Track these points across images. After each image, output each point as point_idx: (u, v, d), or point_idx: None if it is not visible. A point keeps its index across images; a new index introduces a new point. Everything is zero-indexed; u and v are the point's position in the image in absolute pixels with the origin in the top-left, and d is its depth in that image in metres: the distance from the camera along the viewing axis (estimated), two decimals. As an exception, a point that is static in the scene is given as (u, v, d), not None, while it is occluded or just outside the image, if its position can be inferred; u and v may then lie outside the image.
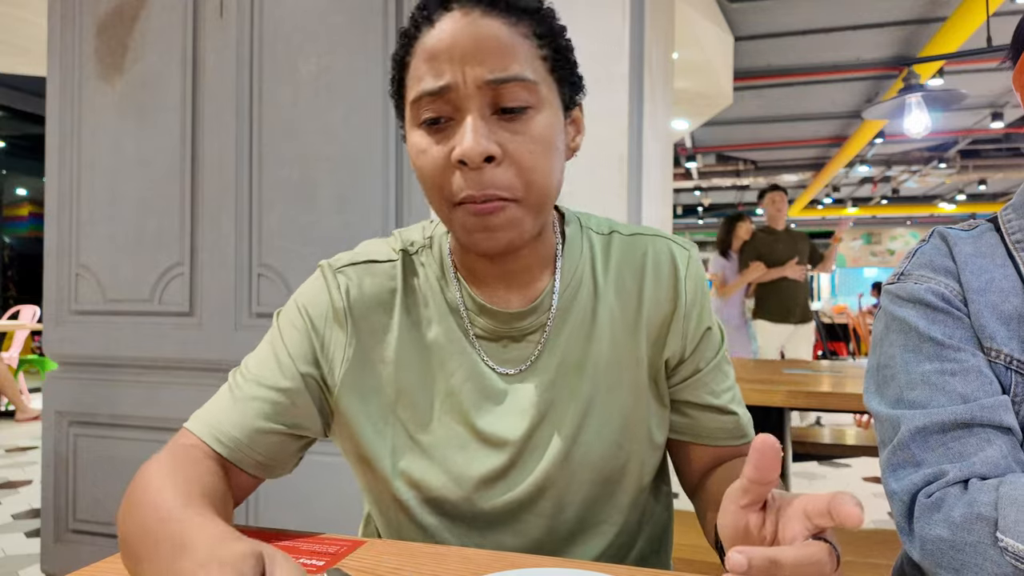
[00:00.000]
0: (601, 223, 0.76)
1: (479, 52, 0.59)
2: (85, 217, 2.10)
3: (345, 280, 0.71)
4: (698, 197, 13.48)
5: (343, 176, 1.82)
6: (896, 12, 5.06)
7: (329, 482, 1.76)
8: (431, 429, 0.69)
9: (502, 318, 0.69)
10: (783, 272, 4.06)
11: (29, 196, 9.96)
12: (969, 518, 0.55)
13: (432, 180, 0.62)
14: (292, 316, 0.71)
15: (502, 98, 0.60)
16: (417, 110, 0.62)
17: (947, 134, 9.08)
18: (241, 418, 0.66)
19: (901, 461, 0.63)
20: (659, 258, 0.73)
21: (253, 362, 0.70)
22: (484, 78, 0.59)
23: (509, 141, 0.60)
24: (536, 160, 0.61)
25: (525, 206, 0.61)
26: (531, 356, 0.70)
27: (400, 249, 0.73)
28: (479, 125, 0.59)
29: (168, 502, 0.53)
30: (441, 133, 0.61)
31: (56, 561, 2.14)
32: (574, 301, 0.71)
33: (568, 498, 0.70)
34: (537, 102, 0.61)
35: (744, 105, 7.28)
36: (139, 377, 2.03)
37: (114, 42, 2.07)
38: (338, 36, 1.83)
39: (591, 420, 0.69)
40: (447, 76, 0.59)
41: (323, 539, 0.65)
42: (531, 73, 0.60)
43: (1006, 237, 0.68)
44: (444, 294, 0.71)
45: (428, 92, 0.60)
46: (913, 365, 0.65)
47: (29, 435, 4.58)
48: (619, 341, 0.71)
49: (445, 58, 0.59)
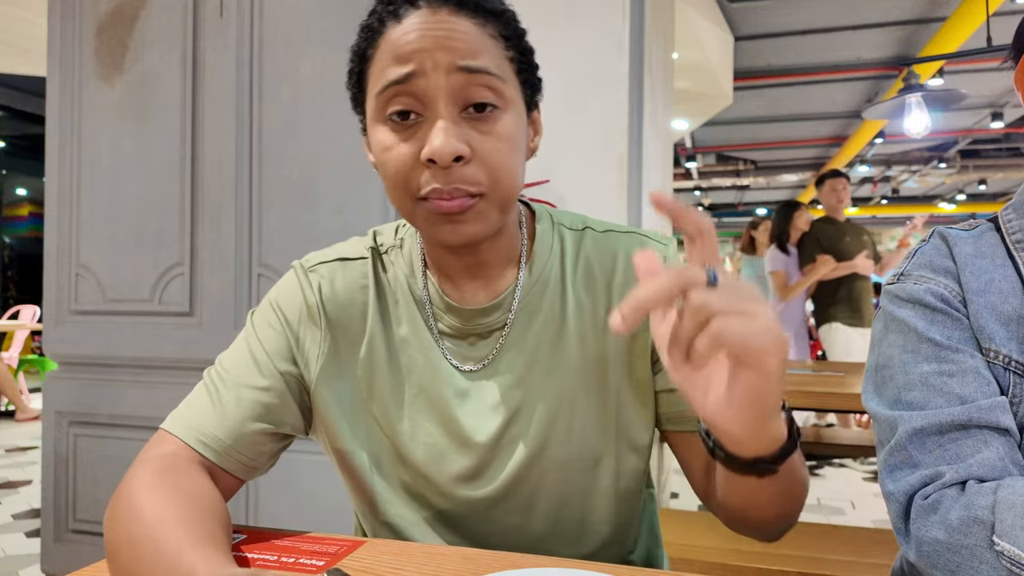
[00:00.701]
0: (575, 220, 0.76)
1: (448, 42, 0.58)
2: (85, 217, 2.10)
3: (317, 278, 0.71)
4: (698, 197, 13.48)
5: (343, 176, 1.82)
6: (896, 12, 5.05)
7: (329, 482, 1.76)
8: (403, 426, 0.70)
9: (466, 315, 0.69)
10: (853, 267, 3.49)
11: (29, 196, 9.96)
12: (966, 521, 0.55)
13: (397, 177, 0.61)
14: (267, 315, 0.71)
15: (471, 92, 0.59)
16: (383, 103, 0.61)
17: (947, 134, 9.07)
18: (222, 419, 0.66)
19: (898, 462, 0.63)
20: (631, 254, 0.71)
21: (229, 361, 0.70)
22: (455, 64, 0.58)
23: (477, 140, 0.60)
24: (503, 159, 0.61)
25: (490, 201, 0.62)
26: (491, 353, 0.70)
27: (370, 247, 0.74)
28: (449, 125, 0.59)
29: (173, 542, 0.51)
30: (408, 131, 0.61)
31: (56, 561, 2.14)
32: (542, 298, 0.70)
33: (539, 497, 0.69)
34: (504, 102, 0.61)
35: (744, 105, 7.28)
36: (139, 377, 2.03)
37: (114, 42, 2.07)
38: (338, 36, 1.83)
39: (561, 420, 0.69)
40: (413, 63, 0.58)
41: (323, 539, 0.64)
42: (497, 70, 0.61)
43: (1006, 237, 0.68)
44: (412, 291, 0.71)
45: (395, 81, 0.59)
46: (911, 366, 0.65)
47: (29, 435, 4.58)
48: (588, 339, 0.70)
49: (412, 48, 0.59)
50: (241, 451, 0.66)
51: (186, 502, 0.56)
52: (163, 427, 0.67)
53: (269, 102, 1.89)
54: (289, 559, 0.59)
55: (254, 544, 0.63)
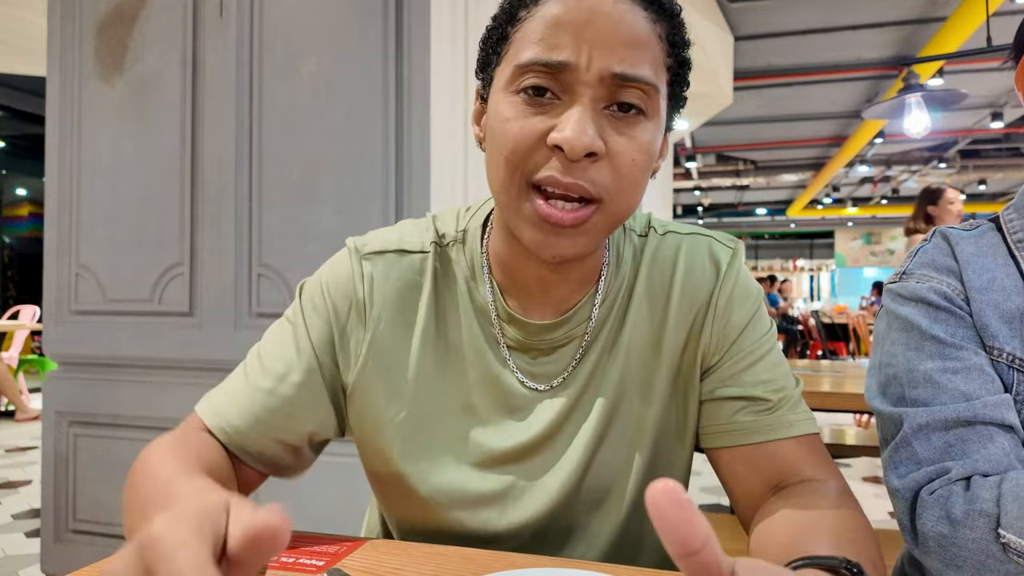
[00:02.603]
0: (643, 222, 0.69)
1: (613, 39, 0.52)
2: (85, 217, 2.09)
3: (371, 268, 0.66)
4: (698, 197, 13.48)
5: (343, 176, 1.82)
6: (896, 12, 5.06)
7: (329, 482, 1.76)
8: (443, 439, 0.65)
9: (531, 329, 0.64)
10: None
11: (29, 196, 9.96)
12: (971, 514, 0.55)
13: (513, 152, 0.54)
14: (316, 299, 0.66)
15: (620, 94, 0.53)
16: (518, 75, 0.54)
17: (947, 134, 9.08)
18: (246, 413, 0.63)
19: (903, 458, 0.63)
20: (693, 259, 0.66)
21: (271, 343, 0.66)
22: (611, 69, 0.52)
23: (615, 140, 0.54)
24: (635, 170, 0.55)
25: (606, 213, 0.55)
26: (565, 372, 0.65)
27: (432, 241, 0.67)
28: (588, 115, 0.52)
29: (166, 472, 0.52)
30: (540, 107, 0.54)
31: (56, 561, 2.14)
32: (611, 311, 0.66)
33: (572, 526, 0.66)
34: (651, 110, 0.55)
35: (744, 105, 7.28)
36: (139, 377, 2.03)
37: (114, 42, 2.07)
38: (338, 36, 1.83)
39: (608, 439, 0.65)
40: (568, 52, 0.52)
41: (323, 539, 0.64)
42: (655, 78, 0.54)
43: (1008, 237, 0.68)
44: (472, 296, 0.65)
45: (543, 63, 0.52)
46: (915, 363, 0.65)
47: (29, 435, 4.57)
48: (642, 350, 0.66)
49: (572, 31, 0.52)
50: (264, 448, 0.64)
51: (190, 454, 0.57)
52: (196, 408, 0.66)
53: (269, 102, 1.89)
54: (289, 559, 0.59)
55: (254, 544, 0.63)
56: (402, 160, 1.77)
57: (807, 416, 0.64)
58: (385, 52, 1.78)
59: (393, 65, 1.77)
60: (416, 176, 1.75)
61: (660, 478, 0.29)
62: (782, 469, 0.61)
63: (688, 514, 0.27)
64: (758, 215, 16.90)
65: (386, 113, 1.78)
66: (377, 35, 1.78)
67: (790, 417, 0.62)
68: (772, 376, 0.64)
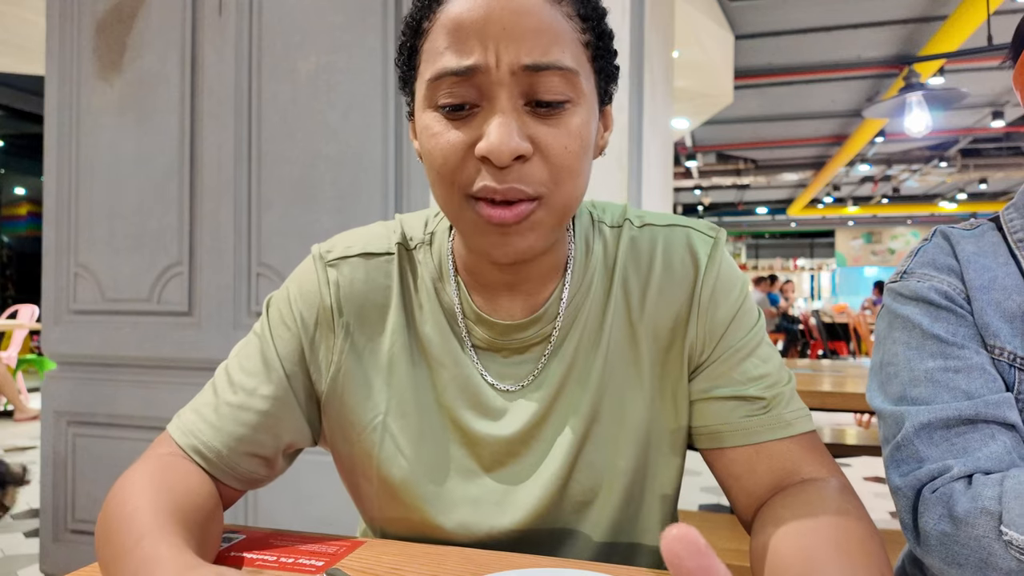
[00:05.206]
0: (615, 214, 0.68)
1: (517, 30, 0.51)
2: (84, 216, 2.09)
3: (336, 275, 0.65)
4: (698, 196, 13.49)
5: (343, 175, 1.81)
6: (897, 11, 5.06)
7: (329, 482, 1.76)
8: (421, 442, 0.64)
9: (500, 329, 0.63)
10: None
11: (28, 195, 9.96)
12: (973, 512, 0.55)
13: (443, 167, 0.53)
14: (284, 311, 0.66)
15: (538, 89, 0.52)
16: (434, 91, 0.53)
17: (948, 133, 9.08)
18: (219, 431, 0.63)
19: (905, 457, 0.63)
20: (671, 252, 0.64)
21: (240, 358, 0.66)
22: (521, 62, 0.51)
23: (542, 134, 0.52)
24: (569, 158, 0.53)
25: (549, 208, 0.54)
26: (534, 371, 0.64)
27: (397, 243, 0.67)
28: (509, 119, 0.51)
29: (141, 525, 0.51)
30: (461, 120, 0.53)
31: (55, 561, 2.13)
32: (583, 307, 0.64)
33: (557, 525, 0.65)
34: (576, 95, 0.53)
35: (744, 104, 7.29)
36: (138, 377, 2.03)
37: (113, 41, 2.06)
38: (338, 35, 1.82)
39: (592, 439, 0.63)
40: (476, 56, 0.51)
41: (322, 539, 0.64)
42: (572, 61, 0.53)
43: (1008, 236, 0.68)
44: (440, 298, 0.65)
45: (452, 72, 0.52)
46: (917, 362, 0.65)
47: (28, 435, 4.57)
48: (621, 347, 0.64)
49: (475, 33, 0.51)
50: (238, 463, 0.64)
51: (165, 494, 0.55)
52: (168, 429, 0.65)
53: (268, 100, 1.89)
54: (288, 559, 0.59)
55: (253, 544, 0.62)
56: (401, 159, 1.77)
57: (803, 413, 0.62)
58: (385, 51, 1.77)
59: (393, 64, 1.77)
60: (416, 176, 1.75)
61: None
62: (781, 469, 0.60)
63: (708, 561, 0.27)
64: (759, 214, 16.90)
65: (386, 112, 1.78)
66: (377, 34, 1.78)
67: (786, 416, 0.61)
68: (764, 371, 0.63)
